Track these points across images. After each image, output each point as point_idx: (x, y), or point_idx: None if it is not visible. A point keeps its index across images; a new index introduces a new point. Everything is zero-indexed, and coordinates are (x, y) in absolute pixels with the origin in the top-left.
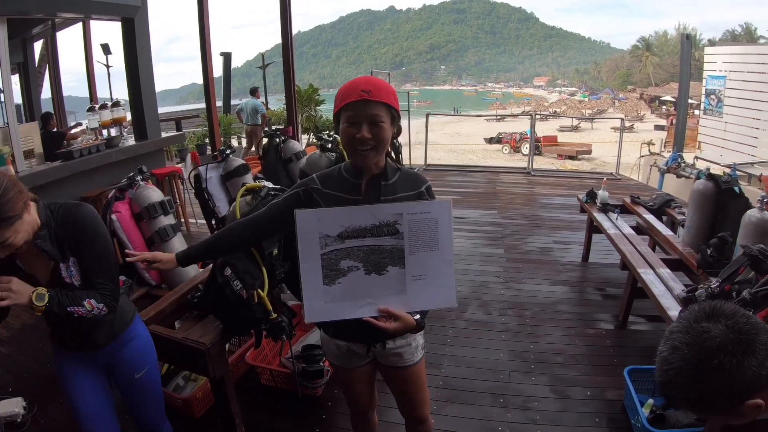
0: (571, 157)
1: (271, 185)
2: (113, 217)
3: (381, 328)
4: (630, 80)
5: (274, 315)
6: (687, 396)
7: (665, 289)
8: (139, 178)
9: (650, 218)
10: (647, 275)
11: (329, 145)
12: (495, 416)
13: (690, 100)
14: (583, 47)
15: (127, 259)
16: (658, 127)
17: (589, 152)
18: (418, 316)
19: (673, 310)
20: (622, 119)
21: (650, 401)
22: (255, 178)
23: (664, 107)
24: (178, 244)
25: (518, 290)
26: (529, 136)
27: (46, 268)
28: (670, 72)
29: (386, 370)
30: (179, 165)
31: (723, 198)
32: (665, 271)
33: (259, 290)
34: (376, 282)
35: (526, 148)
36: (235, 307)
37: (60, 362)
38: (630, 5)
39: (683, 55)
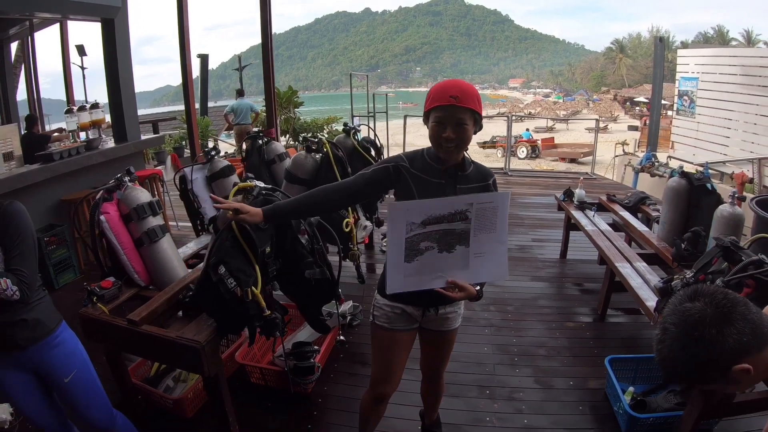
0: (573, 160)
1: (262, 184)
2: (102, 218)
3: (450, 297)
4: (604, 82)
5: (268, 312)
6: (681, 369)
7: (642, 281)
8: (126, 179)
9: (626, 215)
10: (624, 269)
11: (314, 147)
12: (482, 407)
13: (663, 101)
14: (557, 49)
15: (214, 205)
16: (631, 128)
17: (591, 153)
18: (478, 287)
19: (651, 301)
20: (596, 120)
21: (631, 389)
22: (246, 178)
23: (637, 108)
24: (167, 244)
25: (500, 286)
26: (525, 139)
27: None
28: (643, 74)
29: (430, 333)
30: (159, 167)
31: (696, 194)
32: (642, 265)
33: (253, 287)
34: (446, 258)
35: (522, 152)
36: (229, 305)
37: None
38: (604, 8)
39: (656, 57)
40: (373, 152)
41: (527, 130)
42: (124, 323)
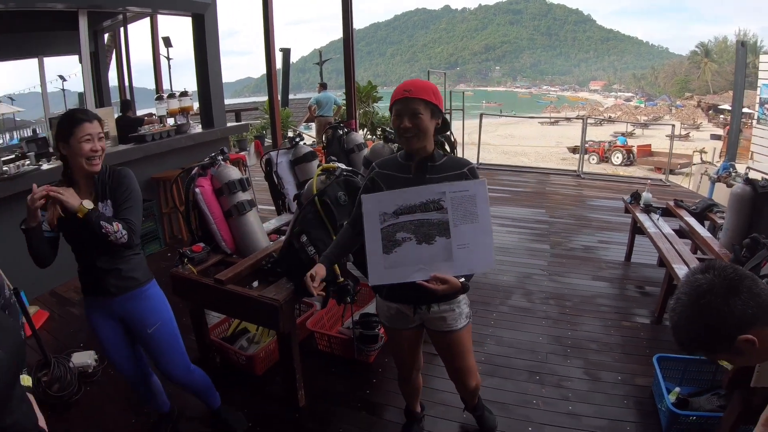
0: (671, 171)
1: (344, 166)
2: (197, 190)
3: (431, 289)
4: (688, 87)
5: (341, 279)
6: (690, 335)
7: None
8: (220, 158)
9: (691, 221)
10: (681, 270)
11: (392, 137)
12: (531, 390)
13: (746, 109)
14: (640, 51)
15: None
16: (714, 137)
17: (690, 164)
18: (463, 279)
19: None
20: (672, 126)
21: (677, 389)
22: (330, 161)
23: (721, 116)
24: (253, 217)
25: (561, 283)
26: (620, 144)
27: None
28: (729, 80)
29: (433, 334)
30: (242, 153)
31: (759, 201)
32: None
33: None
34: (426, 250)
35: (617, 158)
36: (308, 270)
37: (87, 309)
38: (689, 9)
39: (738, 62)
40: (447, 147)
41: (623, 135)
42: (211, 282)
